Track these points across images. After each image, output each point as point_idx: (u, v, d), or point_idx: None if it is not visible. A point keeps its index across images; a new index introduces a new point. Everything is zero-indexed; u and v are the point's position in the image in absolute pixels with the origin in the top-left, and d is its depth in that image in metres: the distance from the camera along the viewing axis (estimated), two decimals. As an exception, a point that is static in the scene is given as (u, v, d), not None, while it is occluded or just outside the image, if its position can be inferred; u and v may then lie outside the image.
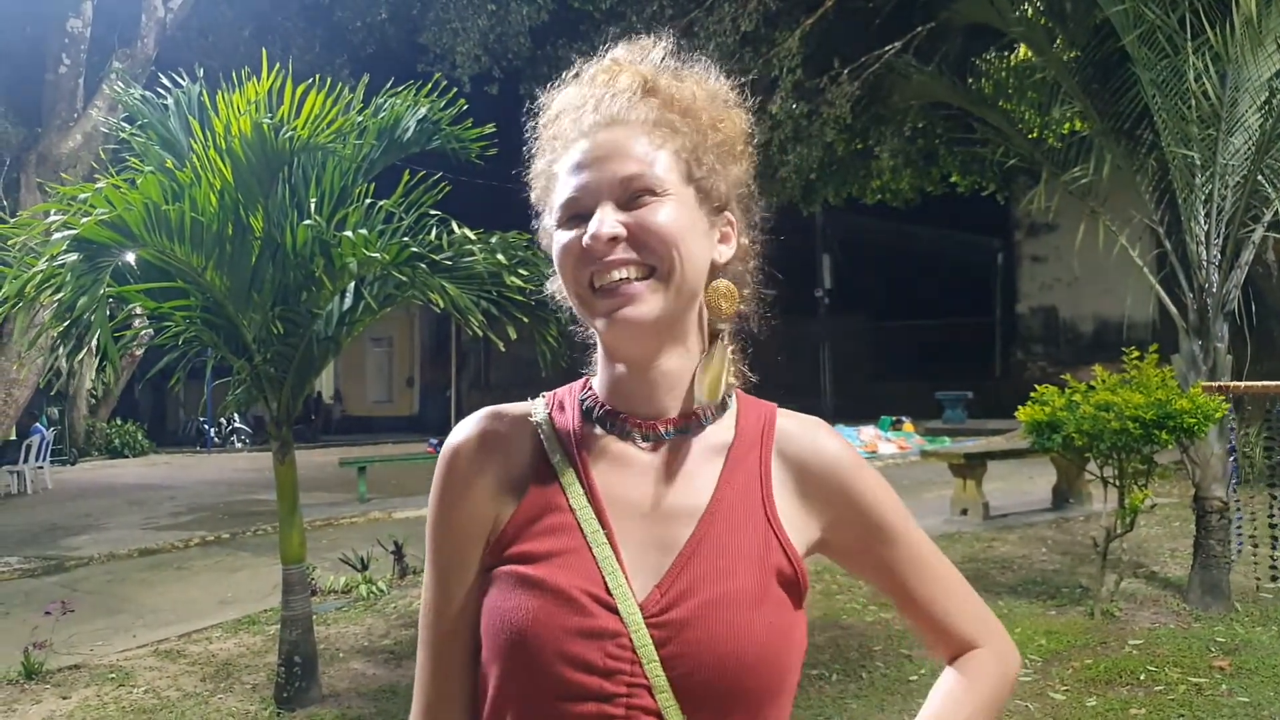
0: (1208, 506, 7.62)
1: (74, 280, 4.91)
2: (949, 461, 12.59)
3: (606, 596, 1.21)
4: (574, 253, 1.27)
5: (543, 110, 1.41)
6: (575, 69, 1.40)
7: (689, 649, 1.19)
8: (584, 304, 1.29)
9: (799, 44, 14.35)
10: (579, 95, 1.35)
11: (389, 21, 16.50)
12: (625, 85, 1.32)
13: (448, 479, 1.33)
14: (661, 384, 1.33)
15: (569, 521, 1.26)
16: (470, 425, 1.36)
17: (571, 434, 1.34)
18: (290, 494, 6.42)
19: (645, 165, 1.27)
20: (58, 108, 13.43)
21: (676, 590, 1.23)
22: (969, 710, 1.36)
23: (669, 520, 1.28)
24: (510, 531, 1.28)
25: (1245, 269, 7.84)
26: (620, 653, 1.19)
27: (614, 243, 1.24)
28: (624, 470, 1.31)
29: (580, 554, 1.24)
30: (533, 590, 1.22)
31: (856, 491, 1.37)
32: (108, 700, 6.61)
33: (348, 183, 6.24)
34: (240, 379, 6.44)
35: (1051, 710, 5.67)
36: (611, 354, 1.34)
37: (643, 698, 1.18)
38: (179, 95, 6.22)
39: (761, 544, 1.28)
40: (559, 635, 1.19)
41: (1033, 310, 29.19)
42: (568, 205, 1.29)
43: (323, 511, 14.73)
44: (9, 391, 12.58)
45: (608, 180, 1.27)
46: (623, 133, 1.29)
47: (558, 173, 1.33)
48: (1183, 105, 7.72)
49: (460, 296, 5.75)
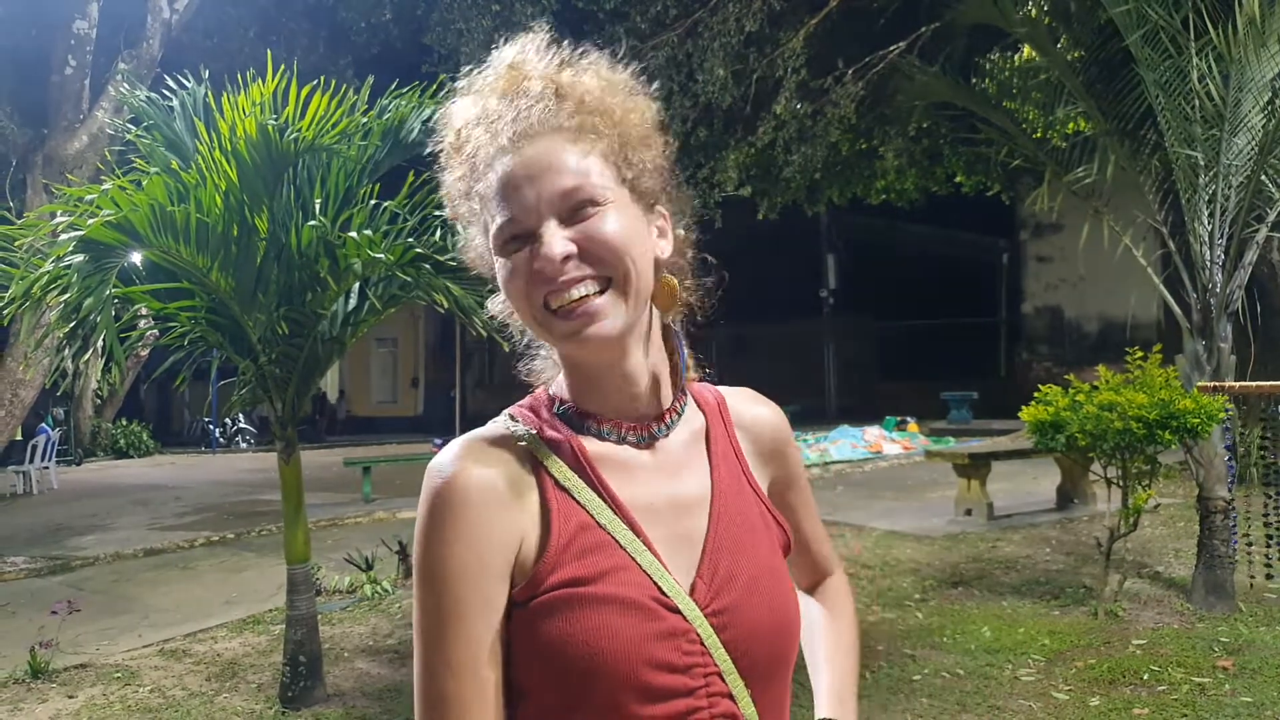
0: (1211, 507, 7.62)
1: (80, 281, 4.93)
2: (953, 462, 12.57)
3: (665, 598, 1.25)
4: (523, 275, 1.25)
5: (444, 125, 1.38)
6: (463, 80, 1.38)
7: (745, 630, 1.28)
8: (542, 326, 1.27)
9: (803, 44, 14.35)
10: (485, 107, 1.31)
11: (393, 22, 16.52)
12: (537, 92, 1.29)
13: (448, 517, 1.23)
14: (635, 385, 1.34)
15: (604, 538, 1.26)
16: (457, 459, 1.27)
17: (569, 449, 1.32)
18: (295, 494, 6.44)
19: (581, 176, 1.26)
20: (64, 109, 13.47)
21: (719, 580, 1.29)
22: (851, 633, 1.63)
23: (683, 514, 1.33)
24: (550, 560, 1.24)
25: (1249, 269, 7.84)
26: (692, 647, 1.24)
27: (566, 261, 1.23)
28: (629, 474, 1.33)
29: (628, 567, 1.25)
30: (601, 606, 1.21)
31: (789, 449, 1.53)
32: (113, 699, 6.64)
33: (352, 184, 6.26)
34: (245, 379, 6.46)
35: (1055, 710, 5.68)
36: (578, 366, 1.34)
37: (716, 684, 1.25)
38: (184, 97, 6.24)
39: (761, 520, 1.40)
40: (640, 642, 1.21)
41: (1038, 310, 29.10)
42: (507, 227, 1.26)
43: (327, 511, 14.74)
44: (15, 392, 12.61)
45: (546, 196, 1.25)
46: (548, 144, 1.27)
47: (484, 193, 1.30)
48: (1186, 105, 7.72)
49: (464, 297, 5.78)
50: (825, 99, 14.92)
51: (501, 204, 1.26)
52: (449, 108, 1.37)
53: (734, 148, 14.81)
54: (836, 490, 15.32)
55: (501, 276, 1.29)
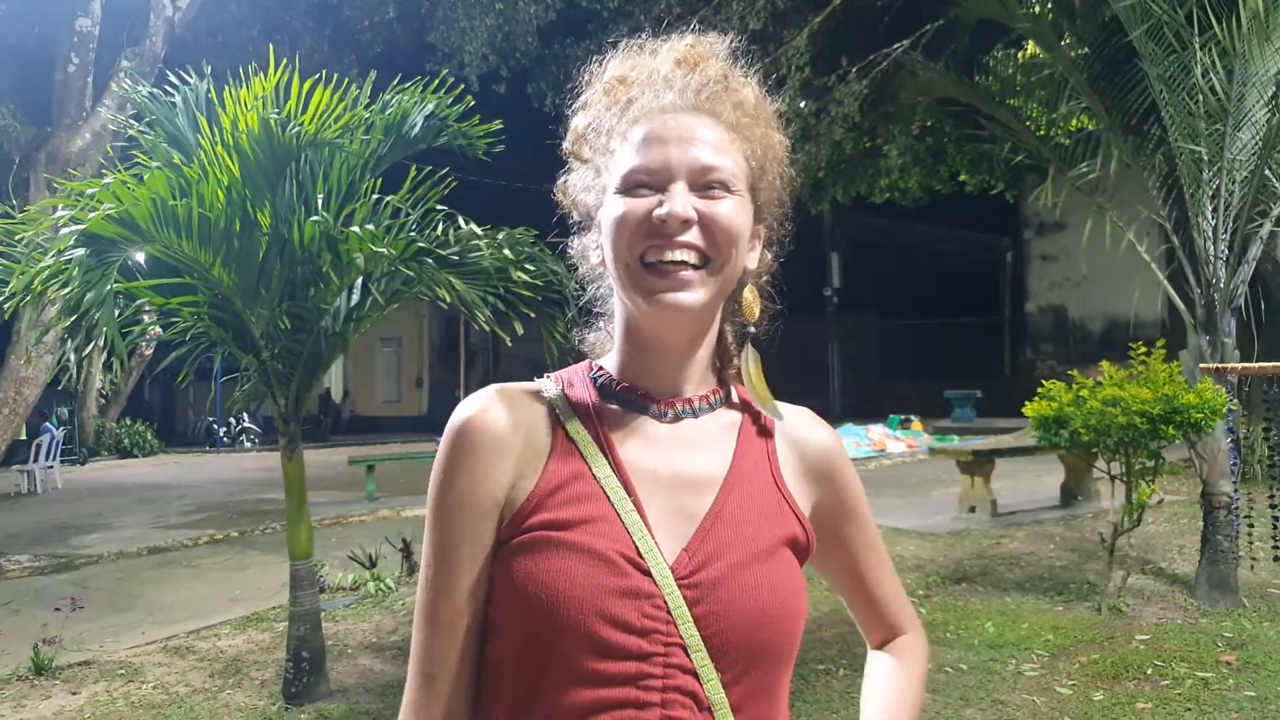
0: (1215, 502, 7.61)
1: (81, 275, 4.93)
2: (957, 459, 12.57)
3: (638, 559, 1.24)
4: (636, 220, 1.29)
5: (602, 68, 1.44)
6: (642, 39, 1.45)
7: (720, 607, 1.25)
8: (631, 276, 1.30)
9: (807, 42, 14.36)
10: (656, 68, 1.38)
11: (397, 21, 16.53)
12: (711, 75, 1.37)
13: (456, 453, 1.31)
14: (683, 365, 1.38)
15: (595, 489, 1.28)
16: (480, 400, 1.35)
17: (589, 407, 1.37)
18: (298, 490, 6.44)
19: (723, 159, 1.32)
20: (67, 107, 13.46)
21: (704, 553, 1.27)
22: (915, 692, 1.51)
23: (690, 489, 1.33)
24: (534, 501, 1.28)
25: (1253, 264, 7.84)
26: (655, 613, 1.22)
27: (685, 225, 1.27)
28: (644, 442, 1.35)
29: (609, 520, 1.26)
30: (568, 552, 1.22)
31: (841, 476, 1.49)
32: (117, 696, 6.64)
33: (355, 178, 6.24)
34: (248, 375, 6.46)
35: (1059, 704, 5.67)
36: (642, 332, 1.36)
37: (678, 656, 1.22)
38: (186, 92, 6.22)
39: (776, 511, 1.37)
40: (597, 594, 1.21)
41: (1042, 309, 29.12)
42: (638, 172, 1.31)
43: (331, 510, 14.76)
44: (18, 390, 12.60)
45: (687, 162, 1.30)
46: (706, 122, 1.34)
47: (627, 135, 1.34)
48: (1190, 101, 7.72)
49: (467, 291, 5.77)
50: (829, 97, 14.92)
51: (643, 149, 1.31)
52: (614, 57, 1.44)
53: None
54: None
55: (612, 214, 1.32)
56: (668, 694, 1.22)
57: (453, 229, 6.09)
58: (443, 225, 6.16)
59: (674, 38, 1.43)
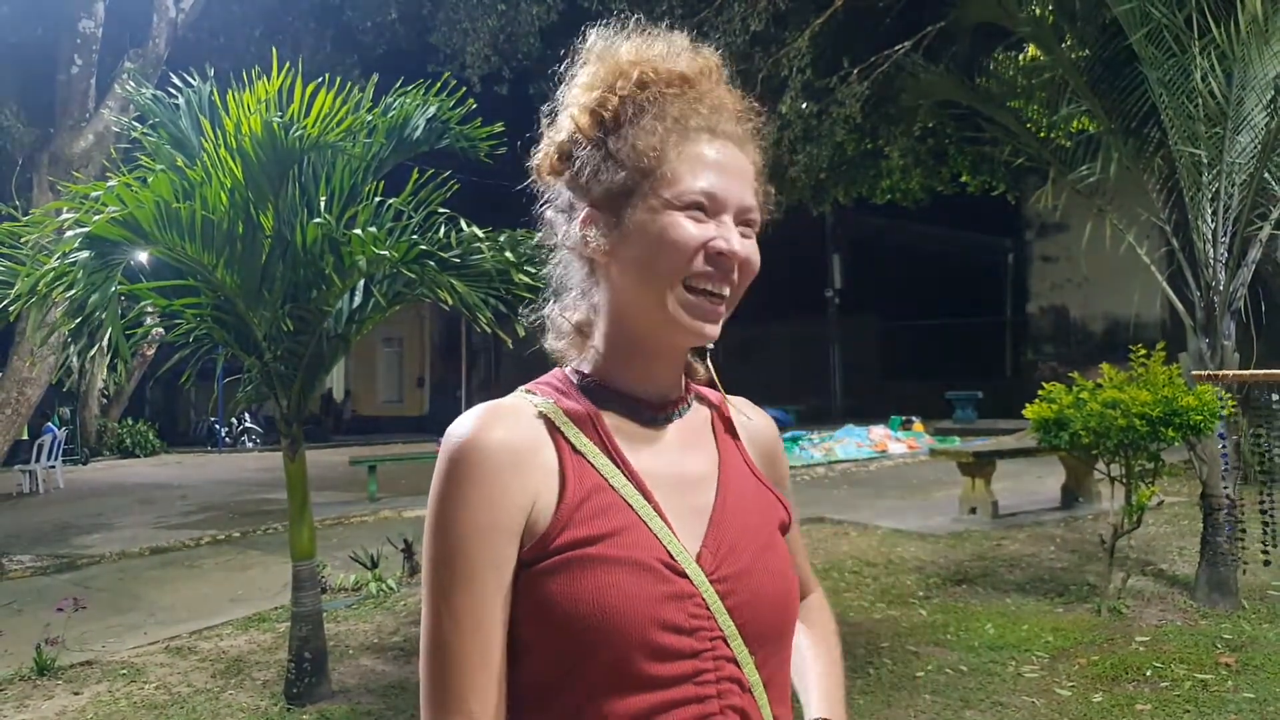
0: (1215, 504, 7.62)
1: (86, 277, 4.95)
2: (958, 460, 12.57)
3: (674, 562, 1.29)
4: (694, 244, 1.31)
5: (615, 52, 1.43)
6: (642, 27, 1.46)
7: (749, 597, 1.33)
8: (671, 294, 1.32)
9: (808, 44, 14.35)
10: (689, 76, 1.39)
11: (399, 22, 16.53)
12: (739, 104, 1.43)
13: (464, 477, 1.27)
14: (674, 373, 1.45)
15: (616, 500, 1.30)
16: (478, 420, 1.31)
17: (588, 417, 1.37)
18: (300, 491, 6.46)
19: (756, 198, 1.38)
20: (70, 108, 13.48)
21: (724, 549, 1.34)
22: (836, 650, 1.68)
23: (692, 487, 1.39)
24: (561, 520, 1.27)
25: (1253, 267, 7.85)
26: (699, 611, 1.28)
27: (737, 262, 1.33)
28: (645, 446, 1.39)
29: (638, 529, 1.29)
30: (612, 566, 1.24)
31: (780, 459, 1.62)
32: (119, 696, 6.66)
33: (357, 181, 6.27)
34: (251, 376, 6.48)
35: (1058, 706, 5.69)
36: (647, 341, 1.39)
37: (721, 648, 1.29)
38: (189, 94, 6.25)
39: (764, 500, 1.47)
40: (650, 603, 1.24)
41: (1043, 310, 29.08)
42: (700, 194, 1.32)
43: (333, 510, 14.77)
44: (21, 390, 12.63)
45: (739, 199, 1.35)
46: (749, 157, 1.40)
47: (683, 151, 1.33)
48: (1189, 104, 7.73)
49: (469, 294, 5.79)
50: (830, 98, 14.92)
51: (705, 172, 1.33)
52: (623, 41, 1.44)
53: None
54: (841, 489, 15.34)
55: (665, 229, 1.32)
56: (721, 684, 1.28)
57: (455, 231, 6.10)
58: (445, 227, 6.19)
59: (671, 35, 1.44)
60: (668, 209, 1.31)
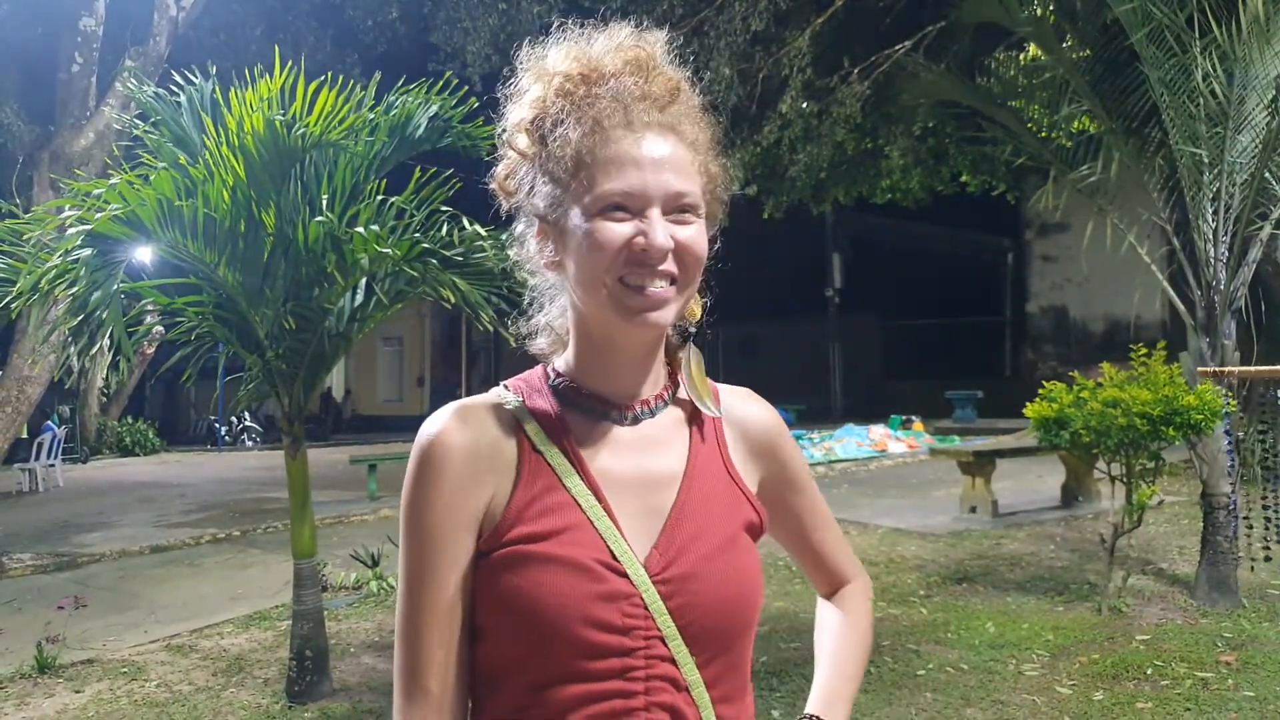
0: (1215, 503, 7.62)
1: (88, 275, 4.96)
2: (958, 459, 12.58)
3: (614, 562, 1.32)
4: (616, 247, 1.32)
5: (544, 59, 1.42)
6: (584, 33, 1.43)
7: (693, 598, 1.34)
8: (611, 298, 1.34)
9: (809, 43, 14.38)
10: (603, 68, 1.37)
11: (400, 21, 16.57)
12: (670, 89, 1.39)
13: (430, 471, 1.36)
14: (640, 371, 1.45)
15: (567, 500, 1.35)
16: (445, 418, 1.39)
17: (553, 417, 1.43)
18: (302, 489, 6.46)
19: (691, 183, 1.37)
20: (70, 106, 13.48)
21: (673, 550, 1.36)
22: (863, 639, 1.66)
23: (653, 488, 1.41)
24: (511, 515, 1.34)
25: (1253, 266, 7.85)
26: (635, 610, 1.31)
27: (665, 255, 1.33)
28: (608, 448, 1.42)
29: (583, 528, 1.33)
30: (549, 564, 1.30)
31: (783, 450, 1.60)
32: (120, 694, 6.66)
33: (359, 179, 6.26)
34: (252, 375, 6.48)
35: (1058, 704, 5.69)
36: (603, 340, 1.42)
37: (657, 648, 1.32)
38: (191, 92, 6.25)
39: (732, 500, 1.47)
40: (582, 602, 1.29)
41: (1043, 310, 29.11)
42: (616, 195, 1.32)
43: (334, 509, 14.76)
44: (21, 388, 12.63)
45: (663, 188, 1.33)
46: (674, 143, 1.37)
47: (596, 152, 1.34)
48: (1190, 104, 7.73)
49: (471, 292, 5.79)
50: (831, 98, 14.95)
51: (618, 171, 1.33)
52: (555, 46, 1.42)
53: (740, 147, 14.83)
54: (842, 488, 15.33)
55: (588, 236, 1.33)
56: (650, 681, 1.32)
57: (457, 230, 6.10)
58: (447, 226, 6.19)
59: (612, 27, 1.43)
60: (590, 215, 1.33)
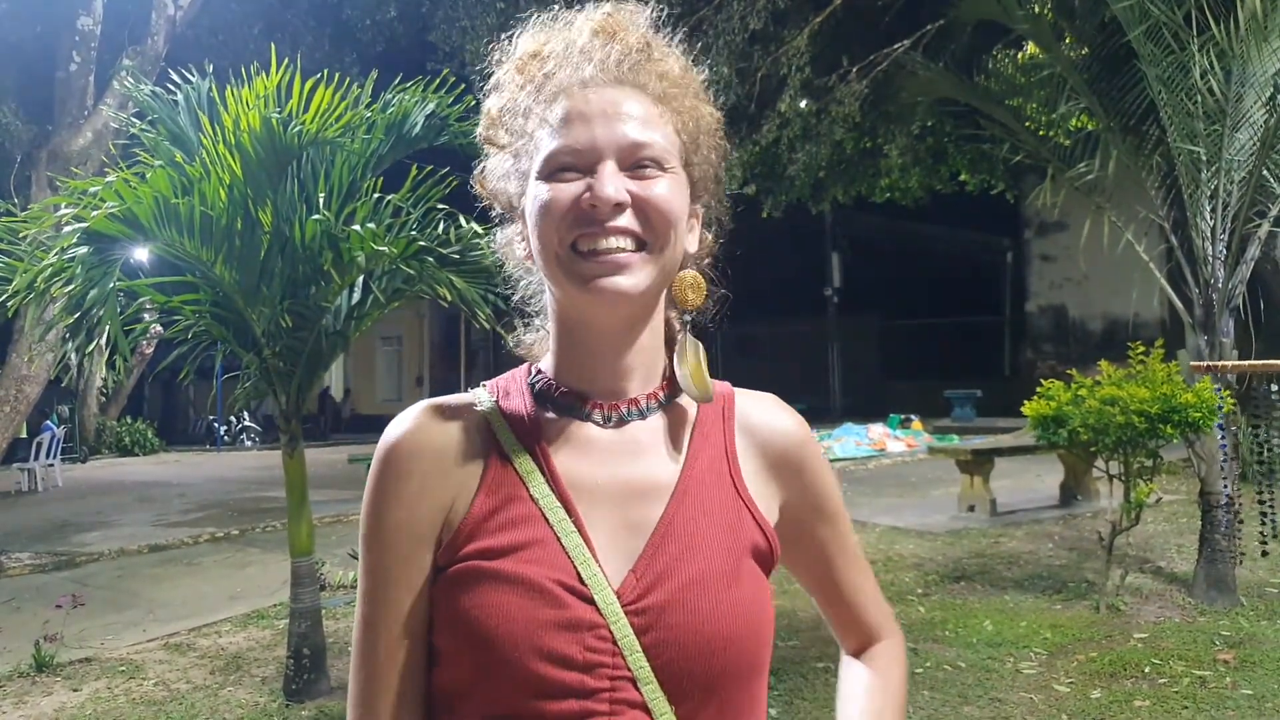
0: (1213, 501, 7.62)
1: (84, 273, 4.95)
2: (956, 458, 12.57)
3: (580, 586, 1.15)
4: (564, 206, 1.18)
5: (514, 45, 1.31)
6: (551, 13, 1.30)
7: (672, 635, 1.14)
8: (563, 266, 1.19)
9: (808, 42, 14.36)
10: (572, 39, 1.25)
11: (398, 20, 16.56)
12: (632, 44, 1.23)
13: (388, 477, 1.22)
14: (624, 362, 1.27)
15: (532, 512, 1.19)
16: (409, 419, 1.27)
17: (525, 419, 1.27)
18: (299, 487, 6.45)
19: (654, 133, 1.21)
20: (68, 105, 13.49)
21: (653, 574, 1.17)
22: (895, 709, 1.41)
23: (637, 501, 1.22)
24: (467, 528, 1.19)
25: (1251, 264, 7.85)
26: (600, 644, 1.13)
27: (618, 209, 1.16)
28: (585, 453, 1.24)
29: (547, 544, 1.17)
30: (500, 584, 1.14)
31: (810, 470, 1.37)
32: (118, 692, 6.66)
33: (356, 177, 6.25)
34: (249, 373, 6.47)
35: (1056, 702, 5.69)
36: (577, 328, 1.26)
37: (627, 690, 1.13)
38: (188, 91, 6.24)
39: (734, 518, 1.25)
40: (533, 630, 1.11)
41: (1042, 309, 29.11)
42: (560, 154, 1.19)
43: (332, 508, 14.73)
44: (19, 388, 12.63)
45: (616, 140, 1.19)
46: (631, 95, 1.22)
47: (544, 115, 1.22)
48: (1188, 101, 7.73)
49: (468, 290, 5.79)
50: (829, 97, 14.94)
51: (564, 129, 1.19)
52: (525, 32, 1.31)
53: (738, 146, 14.80)
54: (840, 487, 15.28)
55: (536, 203, 1.20)
56: None
57: (453, 228, 6.10)
58: (444, 224, 6.18)
59: (589, 7, 1.28)
60: (537, 181, 1.21)
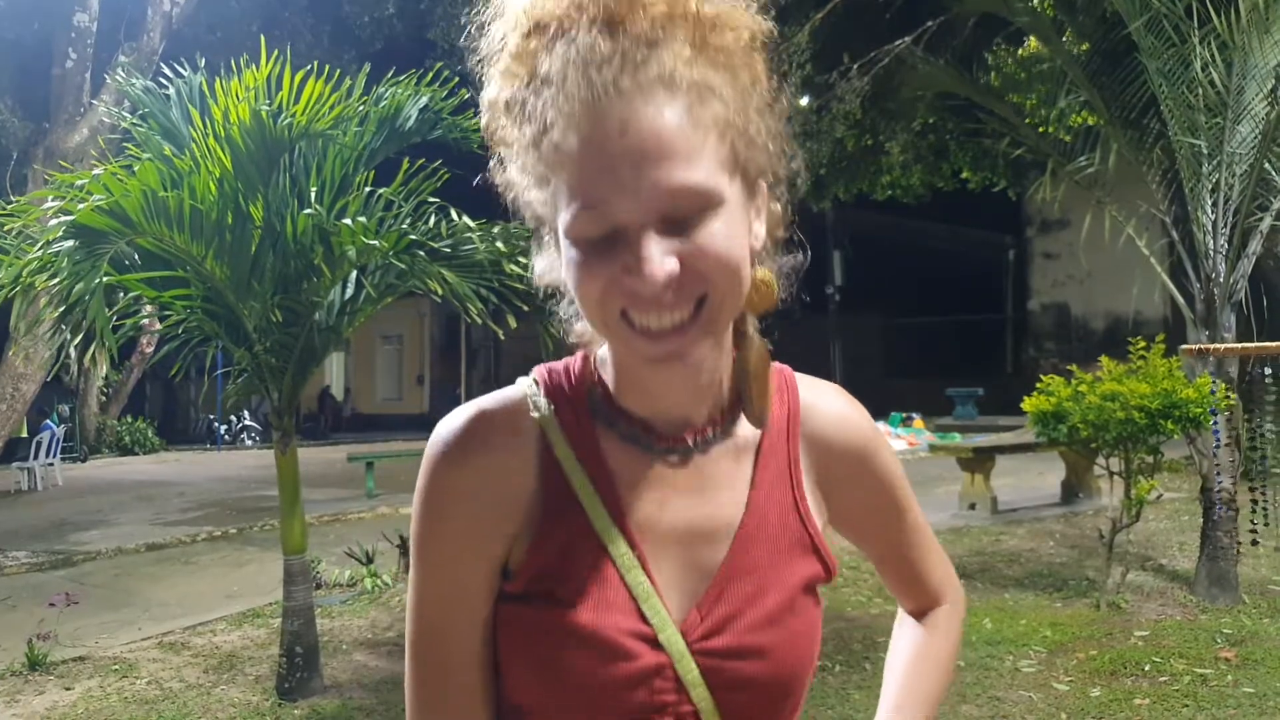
0: (1214, 498, 7.57)
1: (70, 267, 4.90)
2: (958, 456, 12.54)
3: (645, 628, 1.10)
4: (603, 282, 1.01)
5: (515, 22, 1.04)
6: None
7: (739, 675, 1.12)
8: (615, 337, 1.06)
9: (809, 39, 14.32)
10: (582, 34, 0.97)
11: (396, 17, 16.55)
12: (650, 25, 0.97)
13: (447, 496, 1.13)
14: (691, 390, 1.14)
15: (595, 546, 1.12)
16: (462, 430, 1.14)
17: (584, 436, 1.16)
18: (291, 485, 6.42)
19: (695, 165, 0.97)
20: (64, 102, 13.49)
21: (719, 615, 1.13)
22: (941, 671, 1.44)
23: (701, 540, 1.16)
24: (529, 556, 1.12)
25: (1253, 258, 7.79)
26: (665, 685, 1.10)
27: (668, 283, 0.99)
28: (648, 486, 1.15)
29: (612, 584, 1.11)
30: (568, 637, 1.09)
31: (878, 468, 1.30)
32: (110, 691, 6.62)
33: (348, 171, 6.22)
34: (241, 368, 6.43)
35: (1055, 700, 5.64)
36: (637, 368, 1.13)
37: None
38: (180, 85, 6.20)
39: (797, 548, 1.20)
40: (606, 689, 1.09)
41: (1044, 307, 29.09)
42: (589, 217, 0.99)
43: (331, 507, 14.72)
44: (16, 386, 12.61)
45: (651, 192, 0.97)
46: (662, 107, 0.96)
47: (561, 144, 0.98)
48: (1189, 94, 7.68)
49: (460, 284, 5.73)
50: (831, 94, 14.91)
51: (589, 179, 0.98)
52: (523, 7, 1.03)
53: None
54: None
55: (573, 268, 1.03)
56: None
57: (446, 222, 6.06)
58: (436, 218, 6.13)
59: None
60: (567, 245, 1.03)
